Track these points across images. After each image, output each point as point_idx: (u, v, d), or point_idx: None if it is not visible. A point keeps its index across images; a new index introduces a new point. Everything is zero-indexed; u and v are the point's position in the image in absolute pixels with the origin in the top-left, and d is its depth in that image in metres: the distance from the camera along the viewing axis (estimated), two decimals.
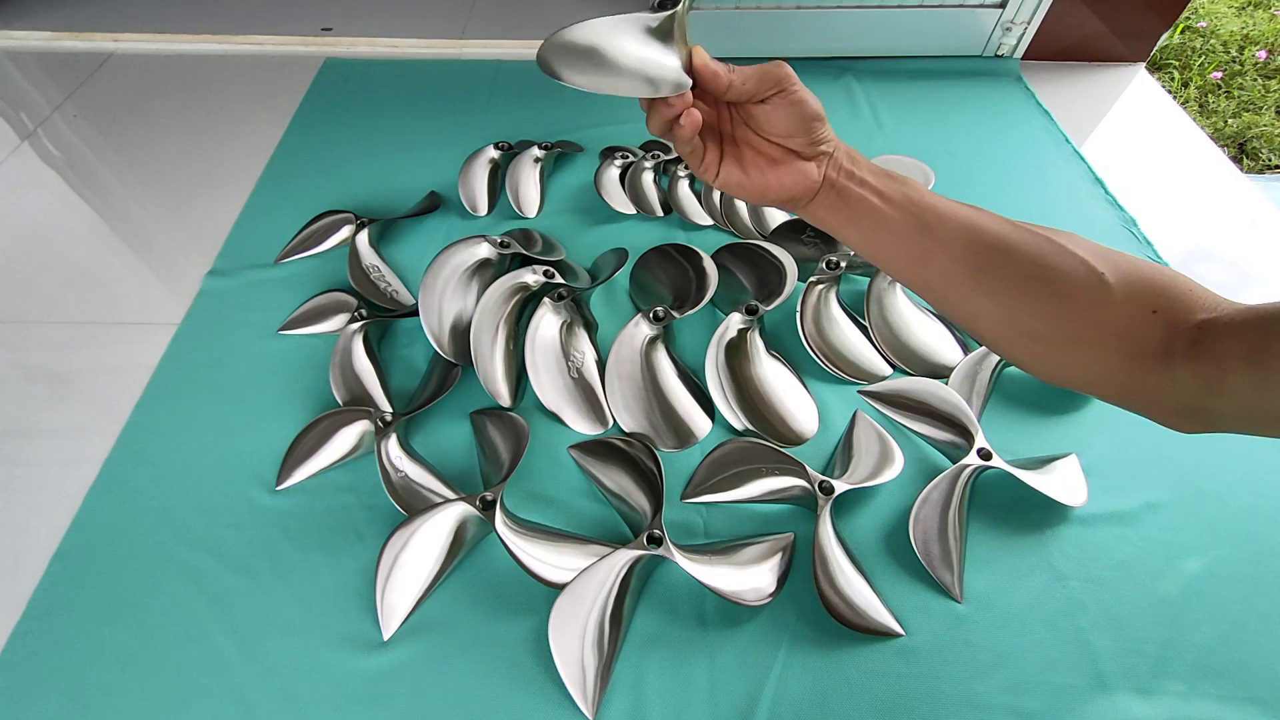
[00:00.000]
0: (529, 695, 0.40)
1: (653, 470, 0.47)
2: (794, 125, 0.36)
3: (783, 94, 0.35)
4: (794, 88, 0.35)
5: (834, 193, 0.37)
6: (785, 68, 0.35)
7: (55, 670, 0.42)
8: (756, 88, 0.35)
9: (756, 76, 0.35)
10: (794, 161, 0.37)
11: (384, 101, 0.84)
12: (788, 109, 0.35)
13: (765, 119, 0.36)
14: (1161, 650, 0.42)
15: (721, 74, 0.35)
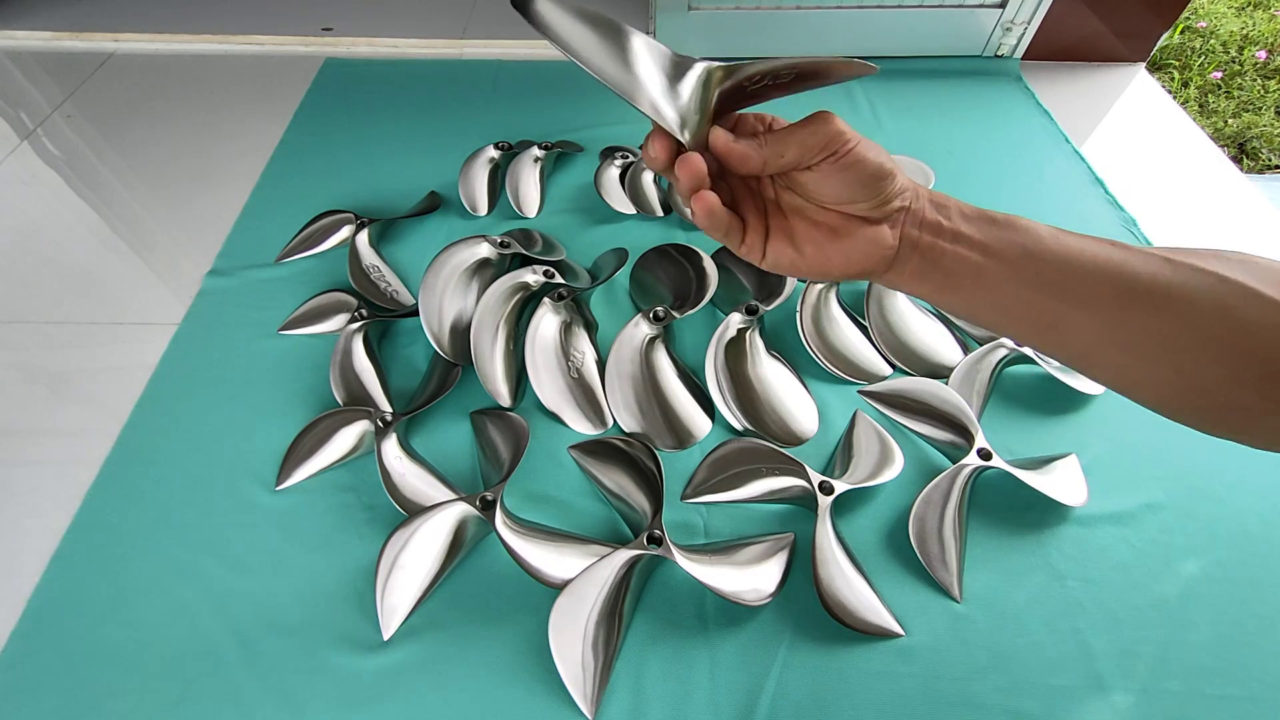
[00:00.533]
0: (529, 695, 0.40)
1: (653, 470, 0.47)
2: (853, 190, 0.29)
3: (833, 157, 0.29)
4: (846, 148, 0.28)
5: (917, 255, 0.30)
6: (832, 123, 0.29)
7: (55, 670, 0.42)
8: (798, 157, 0.29)
9: (796, 143, 0.29)
10: (860, 228, 0.30)
11: (384, 101, 0.84)
12: (842, 174, 0.29)
13: (816, 186, 0.30)
14: (1160, 651, 0.42)
15: (751, 155, 0.29)
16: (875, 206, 0.30)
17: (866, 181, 0.29)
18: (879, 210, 0.30)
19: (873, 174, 0.29)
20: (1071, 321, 0.28)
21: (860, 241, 0.30)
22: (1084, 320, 0.28)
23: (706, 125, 0.29)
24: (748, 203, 0.32)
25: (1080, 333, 0.28)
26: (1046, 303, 0.29)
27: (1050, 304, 0.28)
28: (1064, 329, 0.29)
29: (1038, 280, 0.29)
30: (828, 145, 0.29)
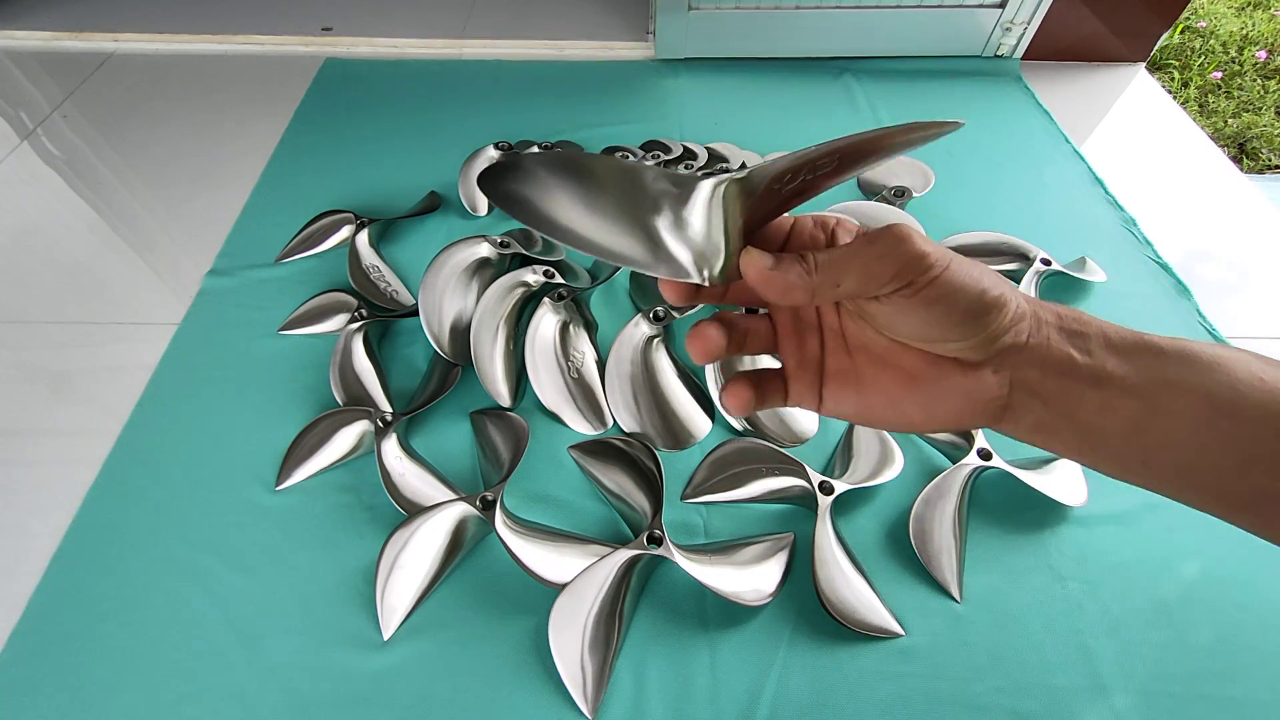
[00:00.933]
0: (529, 695, 0.40)
1: (653, 470, 0.47)
2: (940, 329, 0.22)
3: (909, 288, 0.21)
4: (928, 276, 0.21)
5: (1039, 403, 0.23)
6: (908, 244, 0.21)
7: (56, 669, 0.42)
8: (860, 287, 0.22)
9: (858, 270, 0.21)
10: (949, 374, 0.23)
11: (384, 101, 0.84)
12: (925, 309, 0.22)
13: (889, 320, 0.23)
14: (1160, 652, 0.42)
15: (796, 287, 0.22)
16: (974, 347, 0.22)
17: (960, 319, 0.22)
18: (979, 352, 0.22)
19: (969, 308, 0.21)
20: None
21: (949, 392, 0.23)
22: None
23: (735, 254, 0.22)
24: (793, 330, 0.25)
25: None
26: (1245, 469, 0.20)
27: (1250, 472, 0.20)
28: (1269, 512, 0.21)
29: (1231, 444, 0.20)
30: (901, 273, 0.21)
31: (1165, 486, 0.23)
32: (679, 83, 0.87)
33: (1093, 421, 0.22)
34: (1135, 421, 0.22)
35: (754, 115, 0.82)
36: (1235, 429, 0.21)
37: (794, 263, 0.22)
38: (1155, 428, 0.21)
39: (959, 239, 0.66)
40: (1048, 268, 0.61)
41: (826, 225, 0.25)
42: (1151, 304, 0.62)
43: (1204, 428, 0.21)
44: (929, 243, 0.22)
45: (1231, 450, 0.21)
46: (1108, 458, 0.23)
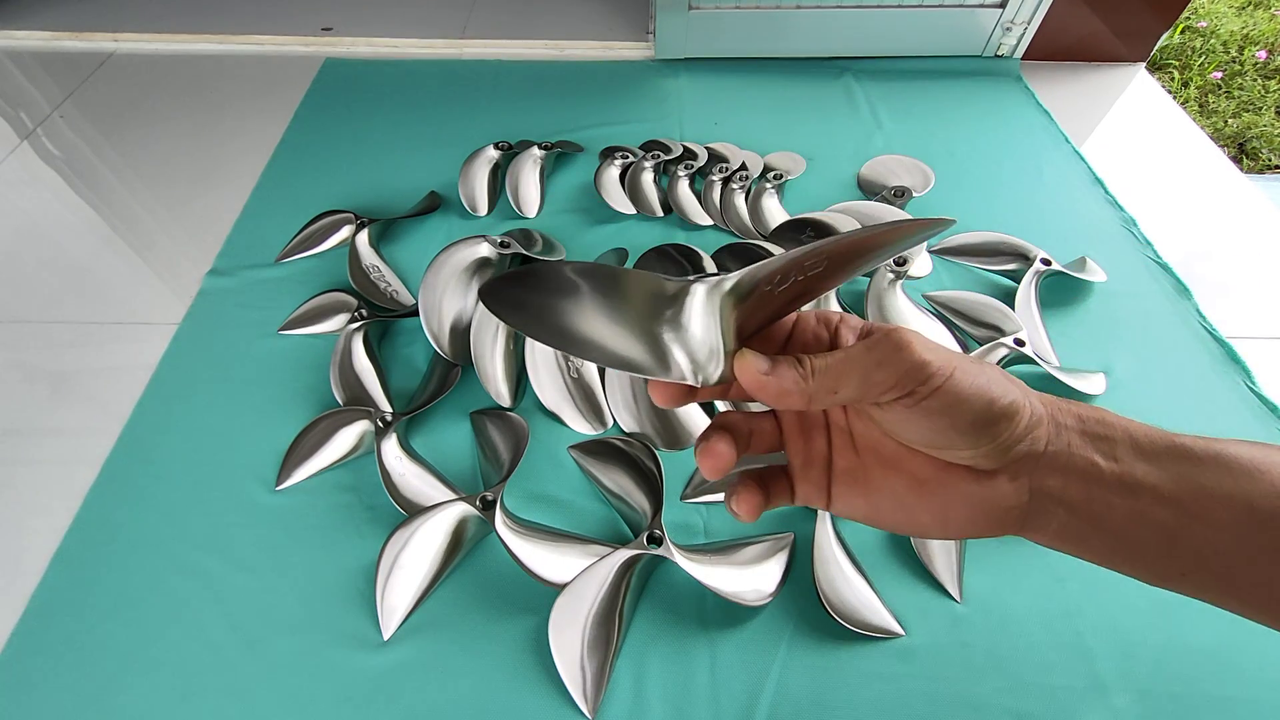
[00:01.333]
0: (529, 695, 0.41)
1: (653, 470, 0.47)
2: (947, 436, 0.21)
3: (910, 398, 0.21)
4: (930, 386, 0.20)
5: (1064, 510, 0.22)
6: (909, 352, 0.20)
7: (56, 668, 0.42)
8: (859, 394, 0.21)
9: (857, 378, 0.21)
10: (961, 481, 0.22)
11: (384, 101, 0.84)
12: (927, 419, 0.21)
13: (893, 426, 0.22)
14: (1159, 653, 0.42)
15: (791, 393, 0.21)
16: (985, 456, 0.21)
17: (966, 429, 0.21)
18: (991, 461, 0.21)
19: (977, 419, 0.21)
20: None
21: (961, 500, 0.22)
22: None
23: (731, 356, 0.22)
24: (799, 428, 0.24)
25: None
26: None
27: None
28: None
29: (1276, 556, 0.20)
30: (901, 383, 0.20)
31: (1207, 596, 0.22)
32: (679, 83, 0.87)
33: (1125, 530, 0.21)
34: (1172, 531, 0.21)
35: (754, 115, 0.82)
36: (1274, 537, 0.20)
37: (790, 367, 0.21)
38: (1194, 537, 0.21)
39: (959, 239, 0.66)
40: (1048, 268, 0.61)
41: (830, 323, 0.24)
42: (1151, 304, 0.62)
43: (1249, 538, 0.20)
44: (931, 349, 0.21)
45: (1273, 557, 0.20)
46: (1144, 567, 0.22)
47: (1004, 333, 0.56)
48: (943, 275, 0.64)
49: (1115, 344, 0.58)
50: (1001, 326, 0.57)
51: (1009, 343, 0.55)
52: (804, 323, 0.24)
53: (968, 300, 0.60)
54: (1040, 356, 0.54)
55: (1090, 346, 0.58)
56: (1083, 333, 0.59)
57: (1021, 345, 0.54)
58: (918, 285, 0.62)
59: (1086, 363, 0.57)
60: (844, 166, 0.76)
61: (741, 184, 0.70)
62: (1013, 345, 0.54)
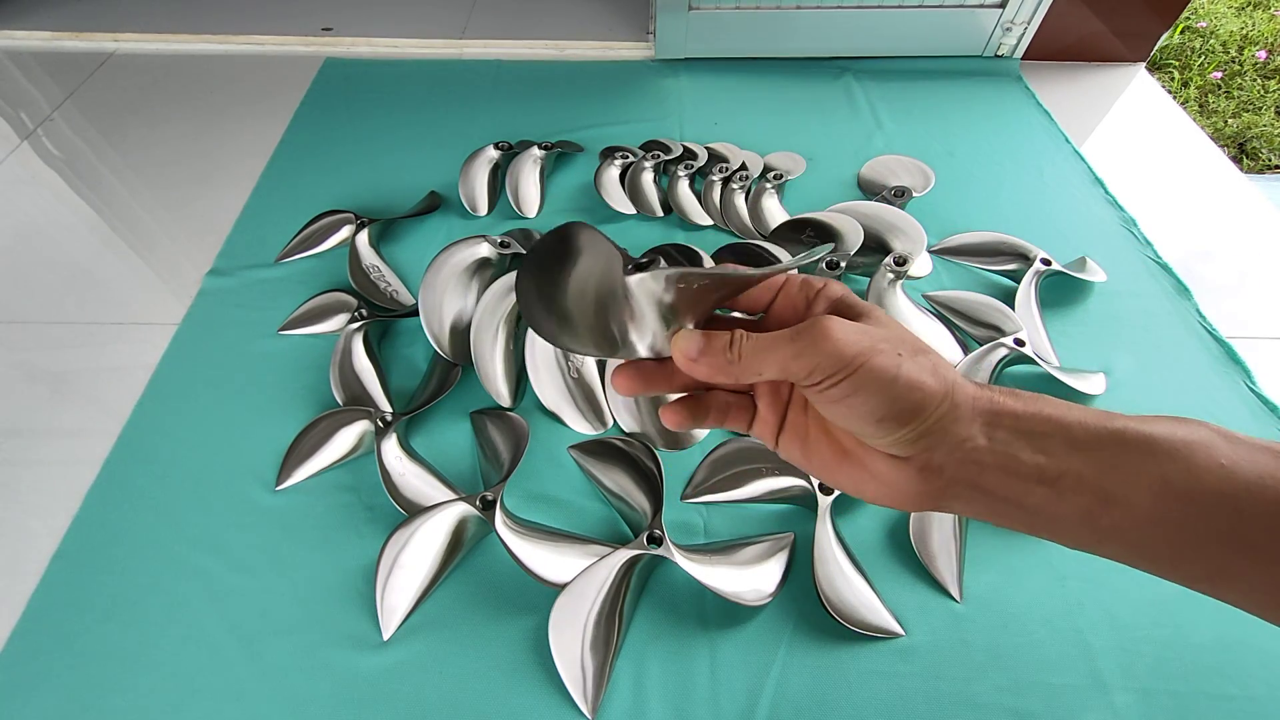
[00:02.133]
0: (529, 695, 0.40)
1: (653, 470, 0.47)
2: (859, 424, 0.23)
3: (820, 385, 0.22)
4: (839, 377, 0.22)
5: (980, 494, 0.23)
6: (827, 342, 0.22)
7: (56, 669, 0.42)
8: (781, 377, 0.23)
9: (776, 363, 0.23)
10: (875, 461, 0.24)
11: (384, 101, 0.84)
12: (834, 405, 0.23)
13: (816, 403, 0.24)
14: (1159, 650, 0.42)
15: (717, 373, 0.23)
16: (892, 445, 0.23)
17: (870, 420, 0.22)
18: (900, 450, 0.23)
19: (881, 413, 0.22)
20: (1244, 578, 0.21)
21: (874, 479, 0.24)
22: (1256, 575, 0.21)
23: (669, 336, 0.24)
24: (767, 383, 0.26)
25: (1248, 590, 0.22)
26: (1202, 552, 0.21)
27: (1208, 555, 0.21)
28: (1224, 583, 0.22)
29: (1185, 527, 0.21)
30: (815, 371, 0.22)
31: (1120, 559, 0.24)
32: (679, 83, 0.87)
33: (1042, 508, 0.23)
34: (1088, 509, 0.22)
35: (754, 115, 0.82)
36: (1189, 512, 0.21)
37: (720, 351, 0.23)
38: (1109, 515, 0.22)
39: (959, 239, 0.66)
40: (1048, 268, 0.61)
41: (810, 291, 0.25)
42: (1151, 304, 0.62)
43: (1157, 514, 0.21)
44: (850, 342, 0.22)
45: (1186, 531, 0.21)
46: (1059, 537, 0.24)
47: (1004, 333, 0.56)
48: (943, 275, 0.64)
49: (1115, 344, 0.58)
50: (1001, 326, 0.57)
51: (1009, 343, 0.55)
52: (790, 287, 0.26)
53: (968, 300, 0.60)
54: (1040, 356, 0.54)
55: (1090, 346, 0.58)
56: (1083, 333, 0.59)
57: (1021, 345, 0.54)
58: (918, 285, 0.62)
59: (1086, 363, 0.57)
60: (844, 166, 0.76)
61: (741, 184, 0.70)
62: (1013, 345, 0.54)
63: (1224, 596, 0.23)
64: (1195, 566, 0.22)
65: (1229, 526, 0.21)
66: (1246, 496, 0.21)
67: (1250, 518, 0.21)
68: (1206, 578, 0.22)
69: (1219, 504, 0.21)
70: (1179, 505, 0.21)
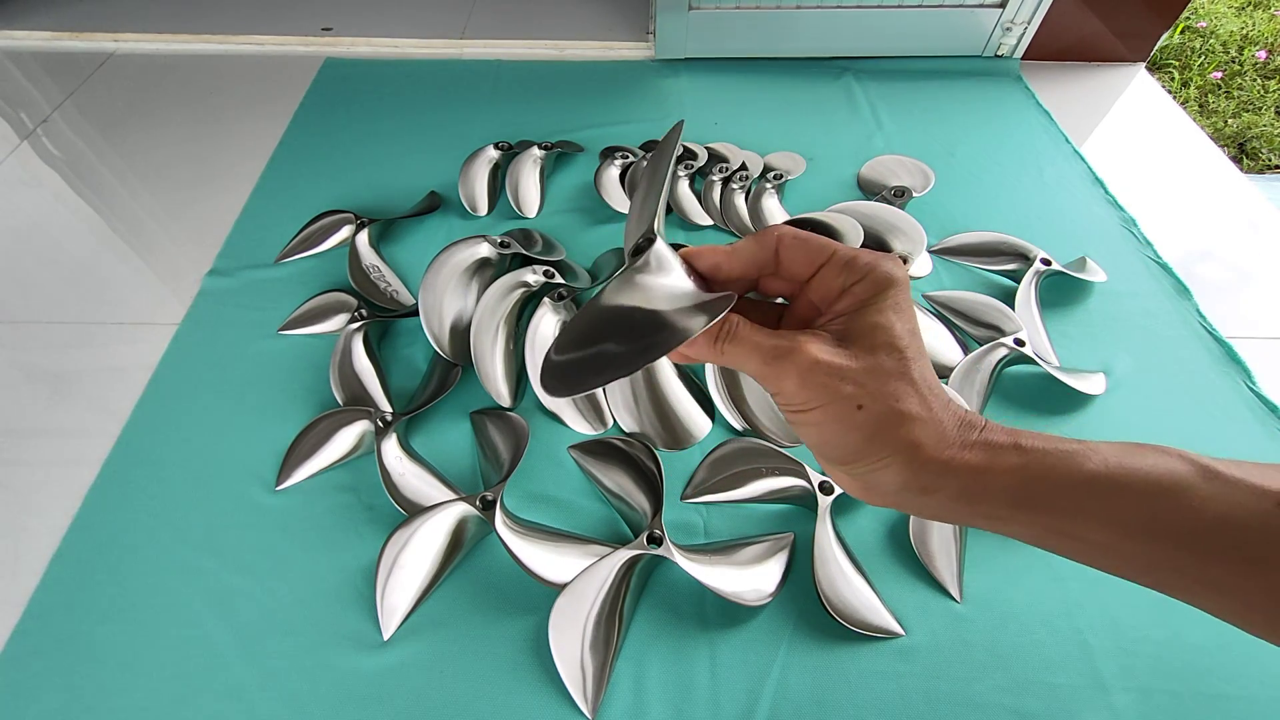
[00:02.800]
0: (529, 695, 0.41)
1: (653, 470, 0.47)
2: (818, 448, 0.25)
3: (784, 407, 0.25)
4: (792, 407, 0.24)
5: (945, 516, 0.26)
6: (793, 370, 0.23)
7: (55, 669, 0.42)
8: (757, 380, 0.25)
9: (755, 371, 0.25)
10: None
11: (384, 101, 0.84)
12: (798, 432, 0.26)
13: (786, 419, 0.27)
14: (1159, 650, 0.42)
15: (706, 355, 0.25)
16: (846, 475, 0.25)
17: (816, 450, 0.25)
18: (849, 475, 0.25)
19: (827, 454, 0.25)
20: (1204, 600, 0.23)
21: (843, 477, 0.26)
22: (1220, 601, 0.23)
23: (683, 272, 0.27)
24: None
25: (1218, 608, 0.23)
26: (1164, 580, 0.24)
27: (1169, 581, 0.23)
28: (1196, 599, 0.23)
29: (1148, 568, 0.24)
30: (779, 394, 0.24)
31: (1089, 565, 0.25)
32: (679, 83, 0.87)
33: (1011, 533, 0.25)
34: (1051, 544, 0.24)
35: (754, 115, 0.82)
36: (1151, 551, 0.23)
37: (709, 340, 0.25)
38: (1069, 547, 0.24)
39: (959, 239, 0.66)
40: (1048, 268, 0.61)
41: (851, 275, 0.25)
42: (1151, 304, 0.62)
43: (1119, 552, 0.23)
44: (817, 380, 0.23)
45: (1149, 572, 0.24)
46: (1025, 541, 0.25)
47: (1004, 333, 0.56)
48: (943, 275, 0.64)
49: (1115, 344, 0.58)
50: (1001, 326, 0.57)
51: (1009, 343, 0.55)
52: (832, 264, 0.25)
53: (968, 300, 0.60)
54: (1040, 356, 0.54)
55: (1090, 346, 0.58)
56: (1083, 333, 0.59)
57: (1021, 345, 0.54)
58: (918, 285, 0.62)
59: (1086, 363, 0.57)
60: (844, 166, 0.76)
61: (741, 184, 0.70)
62: (1013, 345, 0.54)
63: (1175, 598, 0.24)
64: (1146, 583, 0.24)
65: (1190, 563, 0.22)
66: (1209, 536, 0.22)
67: (1216, 557, 0.22)
68: (1157, 589, 0.24)
69: (1182, 544, 0.22)
70: (1133, 543, 0.23)
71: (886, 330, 0.24)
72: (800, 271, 0.26)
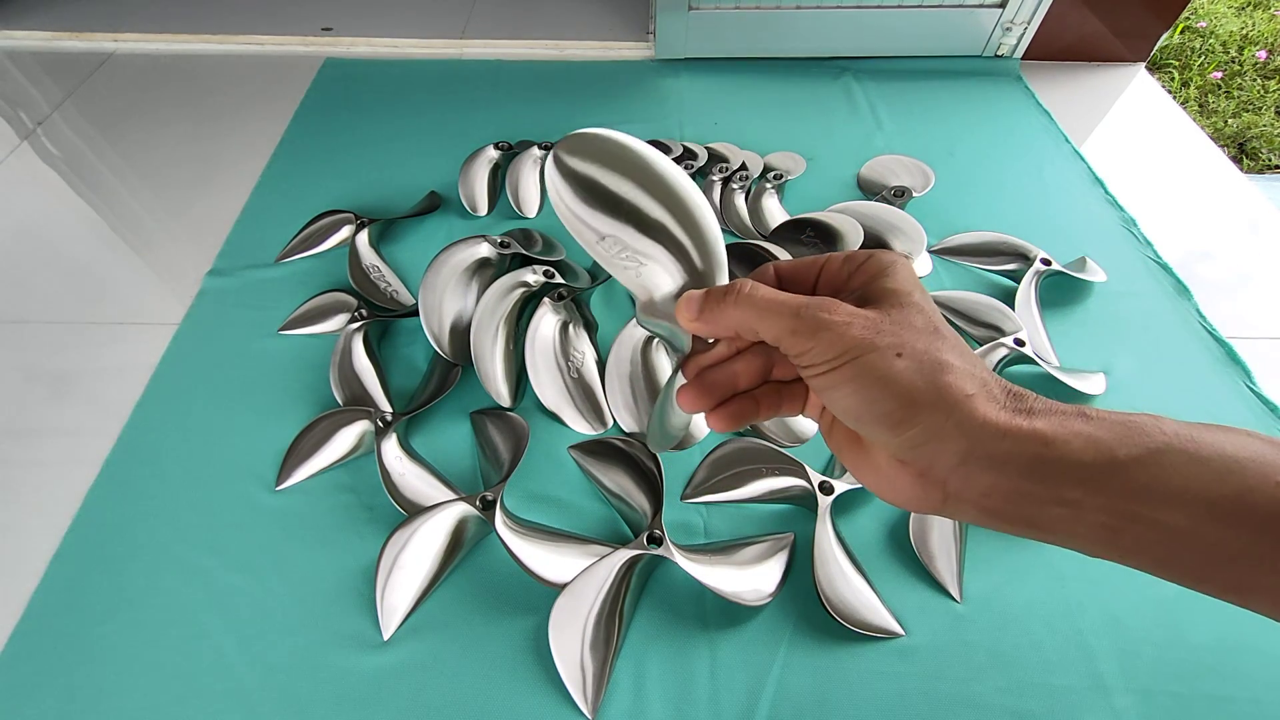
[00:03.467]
0: (529, 695, 0.40)
1: (653, 470, 0.47)
2: (843, 417, 0.23)
3: (810, 369, 0.22)
4: (823, 366, 0.22)
5: (985, 515, 0.22)
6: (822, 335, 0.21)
7: (55, 669, 0.42)
8: (775, 342, 0.23)
9: (776, 329, 0.22)
10: (875, 454, 0.24)
11: (384, 101, 0.84)
12: (831, 400, 0.22)
13: (809, 385, 0.23)
14: (1160, 651, 0.42)
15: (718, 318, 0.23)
16: (887, 448, 0.22)
17: (851, 414, 0.22)
18: (897, 454, 0.22)
19: (851, 412, 0.22)
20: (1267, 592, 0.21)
21: (873, 471, 0.23)
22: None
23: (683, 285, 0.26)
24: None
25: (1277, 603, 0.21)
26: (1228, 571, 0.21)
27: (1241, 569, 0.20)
28: (1253, 596, 0.21)
29: (1216, 548, 0.20)
30: (808, 353, 0.22)
31: (1142, 569, 0.23)
32: (679, 83, 0.87)
33: (1056, 526, 0.21)
34: (1109, 528, 0.21)
35: (754, 115, 0.82)
36: (1226, 534, 0.20)
37: (721, 296, 0.23)
38: (1131, 533, 0.21)
39: (959, 239, 0.66)
40: (1048, 268, 0.61)
41: (852, 263, 0.25)
42: (1151, 304, 0.62)
43: (1189, 533, 0.20)
44: (849, 332, 0.21)
45: (1219, 550, 0.20)
46: (1075, 548, 0.23)
47: (1004, 333, 0.56)
48: (943, 275, 0.64)
49: (1115, 344, 0.58)
50: (1001, 326, 0.57)
51: (1009, 343, 0.55)
52: (831, 264, 0.25)
53: (968, 300, 0.60)
54: (1040, 356, 0.54)
55: (1090, 346, 0.58)
56: (1083, 333, 0.59)
57: (1021, 345, 0.54)
58: None
59: (1086, 363, 0.57)
60: (844, 166, 0.76)
61: (741, 184, 0.70)
62: (1013, 345, 0.54)
63: (1250, 606, 0.21)
64: (1223, 580, 0.21)
65: (1266, 550, 0.19)
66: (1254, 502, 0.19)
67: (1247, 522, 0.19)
68: (1235, 590, 0.21)
69: (1262, 529, 0.19)
70: (1217, 527, 0.20)
71: (905, 294, 0.23)
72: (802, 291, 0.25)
